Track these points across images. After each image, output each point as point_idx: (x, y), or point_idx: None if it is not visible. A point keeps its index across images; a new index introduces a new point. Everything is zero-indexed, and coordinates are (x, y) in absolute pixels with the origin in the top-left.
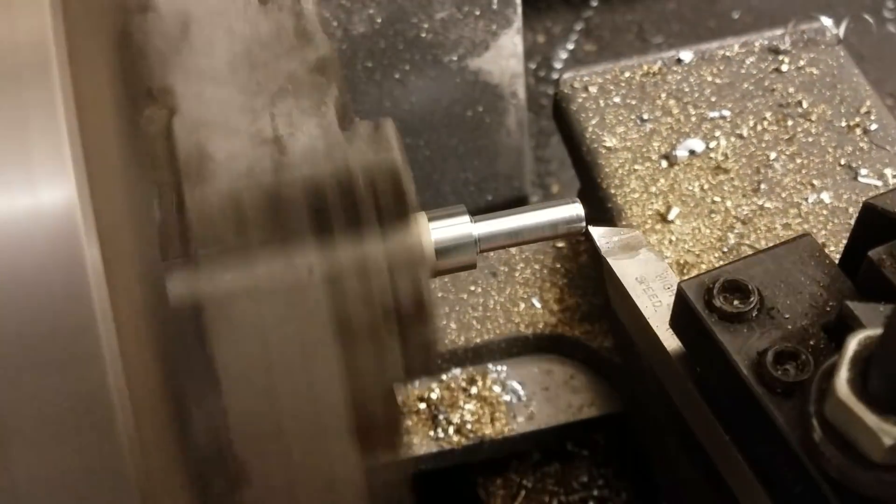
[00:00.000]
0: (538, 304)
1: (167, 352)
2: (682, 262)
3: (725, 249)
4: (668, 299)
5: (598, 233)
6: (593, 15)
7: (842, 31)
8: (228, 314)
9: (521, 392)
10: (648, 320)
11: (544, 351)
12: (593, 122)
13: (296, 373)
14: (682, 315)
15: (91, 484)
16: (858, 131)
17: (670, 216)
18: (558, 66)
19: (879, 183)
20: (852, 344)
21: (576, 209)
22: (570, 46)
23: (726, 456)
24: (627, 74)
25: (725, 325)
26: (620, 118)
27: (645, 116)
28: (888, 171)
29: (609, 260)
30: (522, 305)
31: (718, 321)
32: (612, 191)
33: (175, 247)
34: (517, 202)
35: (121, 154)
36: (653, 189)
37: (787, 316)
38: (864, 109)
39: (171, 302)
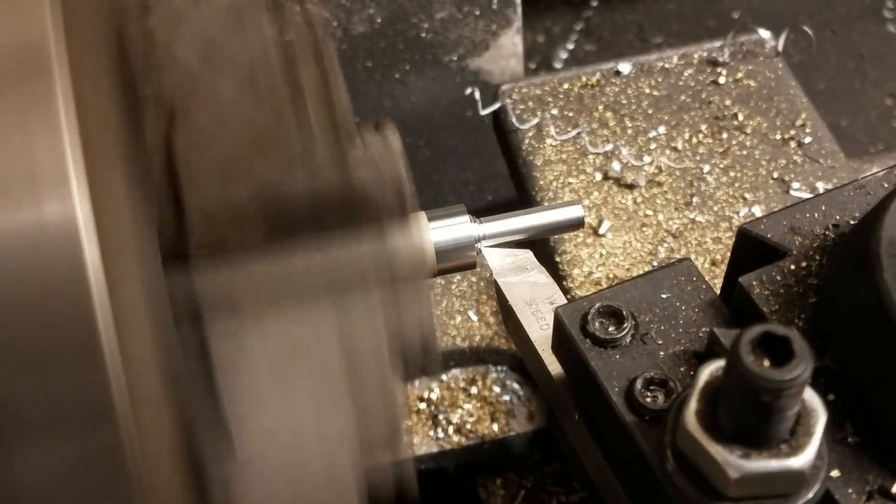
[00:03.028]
0: (474, 317)
1: (168, 353)
2: (611, 276)
3: (655, 263)
4: None
5: (491, 254)
6: (593, 15)
7: (780, 43)
8: (228, 321)
9: (521, 392)
10: (534, 343)
11: (480, 363)
12: (530, 134)
13: (301, 386)
14: (560, 340)
15: (92, 481)
16: (793, 144)
17: (601, 230)
18: (558, 66)
19: (811, 196)
20: (703, 374)
21: (575, 211)
22: (570, 46)
23: (604, 480)
24: (566, 86)
25: (599, 351)
26: (557, 130)
27: (581, 129)
28: (820, 185)
29: (500, 281)
30: (458, 318)
31: (592, 346)
32: (546, 203)
33: (175, 247)
34: (517, 202)
35: (122, 156)
36: (586, 202)
37: (660, 342)
38: (799, 122)
39: (172, 303)
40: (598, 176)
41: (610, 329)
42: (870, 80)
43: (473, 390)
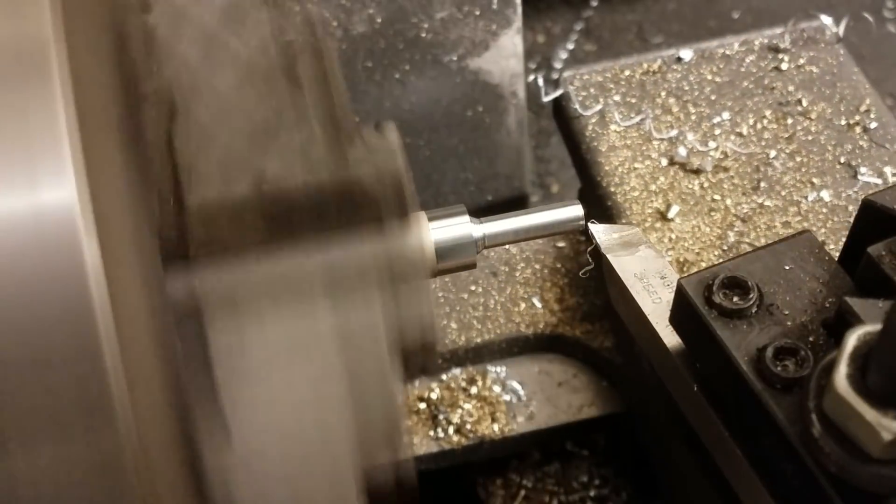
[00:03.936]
0: (539, 304)
1: (168, 352)
2: (681, 259)
3: (725, 247)
4: (668, 296)
5: (598, 230)
6: (593, 15)
7: (842, 29)
8: (228, 320)
9: (521, 392)
10: (648, 317)
11: (545, 350)
12: (593, 120)
13: (300, 385)
14: (682, 311)
15: (91, 482)
16: (858, 129)
17: (670, 214)
18: (558, 65)
19: (879, 181)
20: (851, 339)
21: (576, 210)
22: (570, 46)
23: (726, 452)
24: (627, 73)
25: (725, 322)
26: (621, 116)
27: (645, 114)
28: (888, 170)
29: (609, 256)
30: (523, 305)
31: (718, 317)
32: (612, 189)
33: (175, 247)
34: (517, 202)
35: (121, 154)
36: (653, 187)
37: (786, 312)
38: (863, 108)
39: (172, 302)
40: (664, 161)
41: (735, 300)
42: (870, 80)
43: (473, 390)
